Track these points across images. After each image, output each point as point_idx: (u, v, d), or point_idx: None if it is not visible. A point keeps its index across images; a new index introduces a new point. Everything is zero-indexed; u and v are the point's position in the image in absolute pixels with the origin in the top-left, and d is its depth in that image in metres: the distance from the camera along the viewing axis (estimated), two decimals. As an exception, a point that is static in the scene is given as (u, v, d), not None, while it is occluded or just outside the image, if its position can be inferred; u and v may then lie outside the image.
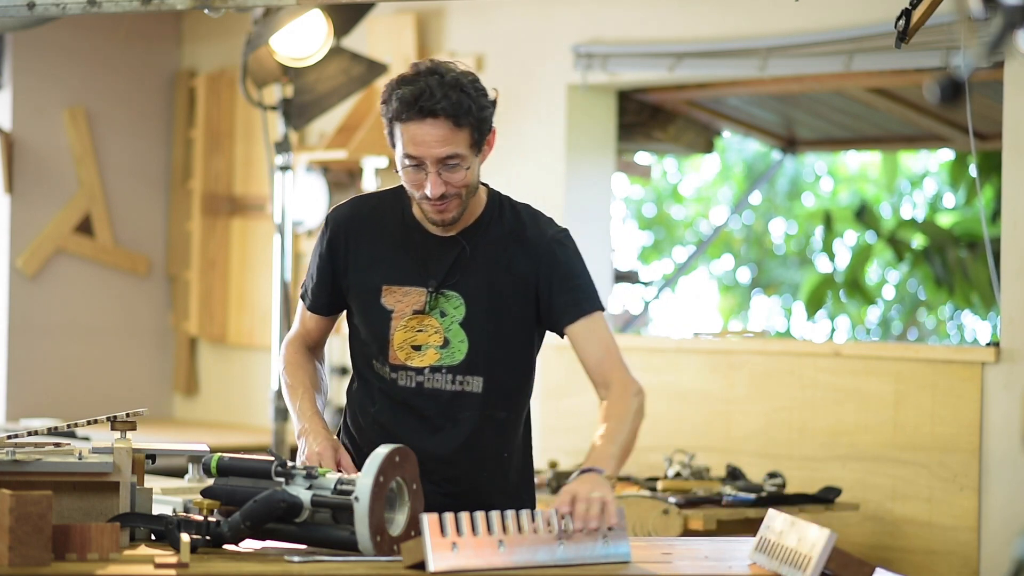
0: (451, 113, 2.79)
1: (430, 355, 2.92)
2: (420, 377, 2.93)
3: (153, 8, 3.56)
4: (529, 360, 3.00)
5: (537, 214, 3.01)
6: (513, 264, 2.93)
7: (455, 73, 2.84)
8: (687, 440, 5.49)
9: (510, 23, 6.19)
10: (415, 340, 2.93)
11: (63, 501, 2.65)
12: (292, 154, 5.64)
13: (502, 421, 2.96)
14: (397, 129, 2.83)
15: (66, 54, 6.94)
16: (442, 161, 2.82)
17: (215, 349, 7.23)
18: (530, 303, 2.94)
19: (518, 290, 2.92)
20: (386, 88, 2.86)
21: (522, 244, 2.94)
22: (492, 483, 2.98)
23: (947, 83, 1.81)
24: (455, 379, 2.92)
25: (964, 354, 5.00)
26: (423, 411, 2.94)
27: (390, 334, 2.93)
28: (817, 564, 2.48)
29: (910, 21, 3.43)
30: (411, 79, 2.82)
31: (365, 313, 2.97)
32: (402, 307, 2.93)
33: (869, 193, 12.06)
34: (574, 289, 2.92)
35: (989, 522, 4.88)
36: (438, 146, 2.81)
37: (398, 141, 2.84)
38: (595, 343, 2.91)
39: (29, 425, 6.16)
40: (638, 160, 7.99)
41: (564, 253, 2.95)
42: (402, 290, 2.93)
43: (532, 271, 2.93)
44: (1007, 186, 4.96)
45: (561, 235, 2.97)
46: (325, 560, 2.54)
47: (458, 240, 2.93)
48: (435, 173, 2.82)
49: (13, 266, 6.80)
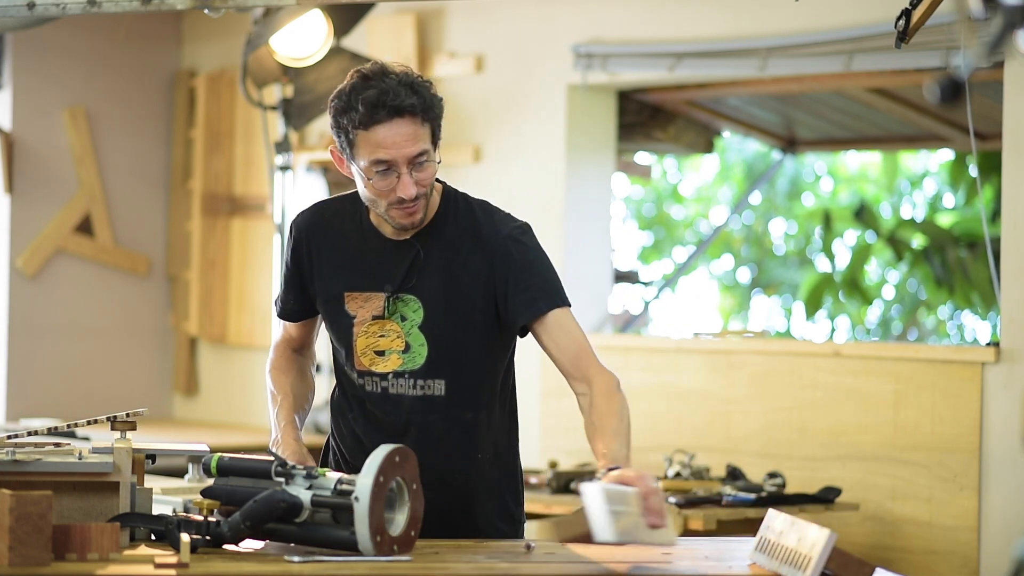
0: (418, 109, 2.78)
1: (393, 360, 2.92)
2: (384, 383, 2.93)
3: (153, 8, 3.56)
4: (493, 359, 2.97)
5: (493, 211, 2.97)
6: (469, 264, 2.90)
7: (404, 72, 2.82)
8: (687, 440, 5.49)
9: (510, 23, 6.19)
10: (378, 345, 2.92)
11: (63, 501, 2.65)
12: (292, 154, 5.64)
13: (469, 422, 2.94)
14: (358, 138, 2.80)
15: (66, 54, 6.94)
16: (413, 160, 2.80)
17: (215, 349, 7.23)
18: (490, 302, 2.90)
19: (476, 290, 2.90)
20: (338, 99, 2.82)
21: (478, 243, 2.91)
22: (469, 483, 2.97)
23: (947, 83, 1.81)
24: (416, 383, 2.91)
25: (964, 354, 5.00)
26: (390, 416, 2.93)
27: (353, 340, 2.93)
28: (817, 564, 2.48)
29: (910, 21, 3.43)
30: (365, 85, 2.79)
31: (331, 320, 2.98)
32: (363, 313, 2.92)
33: (869, 193, 12.07)
34: (530, 287, 2.88)
35: (989, 522, 4.88)
36: (408, 144, 2.79)
37: (360, 151, 2.81)
38: (564, 340, 2.89)
39: (29, 425, 6.16)
40: (638, 160, 7.99)
41: (520, 250, 2.90)
42: (363, 296, 2.93)
43: (488, 270, 2.89)
44: (1007, 186, 4.96)
45: (517, 231, 2.93)
46: (325, 560, 2.54)
47: (412, 243, 2.91)
48: (407, 173, 2.80)
49: (13, 266, 6.80)
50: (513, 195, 6.01)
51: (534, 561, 2.65)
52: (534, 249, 2.93)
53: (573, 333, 2.90)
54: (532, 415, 5.87)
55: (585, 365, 2.88)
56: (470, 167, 6.23)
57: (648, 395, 5.67)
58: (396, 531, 2.62)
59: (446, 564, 2.58)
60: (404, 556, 2.60)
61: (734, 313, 12.71)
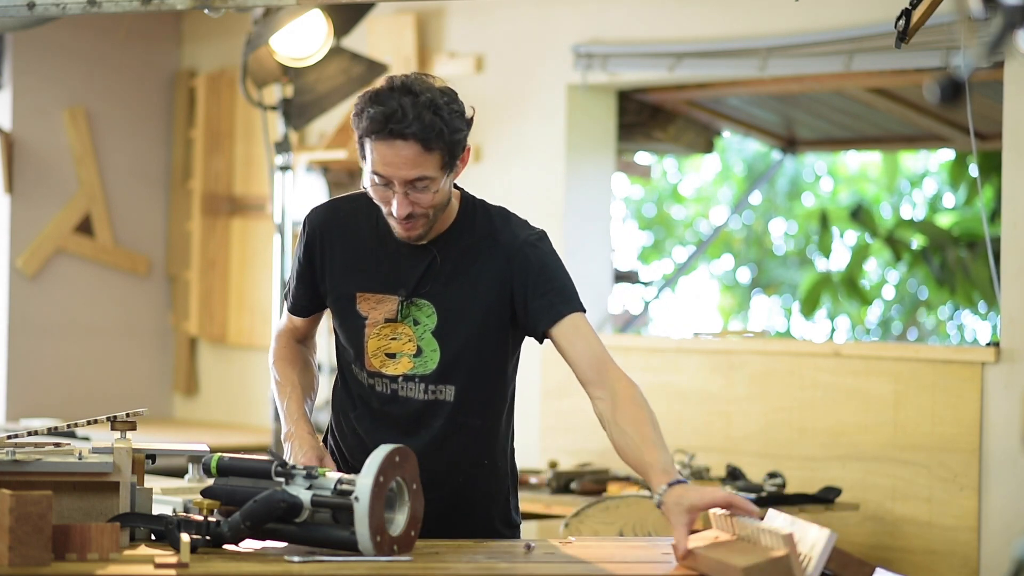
0: (421, 137, 2.73)
1: (404, 363, 2.91)
2: (395, 385, 2.92)
3: (153, 8, 3.56)
4: (503, 367, 2.96)
5: (510, 216, 2.96)
6: (485, 271, 2.89)
7: (430, 93, 2.76)
8: (687, 440, 5.49)
9: (510, 23, 6.19)
10: (389, 348, 2.92)
11: (63, 501, 2.65)
12: (292, 154, 5.64)
13: (477, 429, 2.93)
14: (367, 144, 2.79)
15: (66, 54, 6.94)
16: (410, 183, 2.77)
17: (215, 349, 7.23)
18: (505, 309, 2.89)
19: (491, 297, 2.88)
20: (359, 101, 2.80)
21: (494, 249, 2.89)
22: (472, 488, 2.96)
23: (947, 83, 1.81)
24: (427, 388, 2.90)
25: (964, 354, 5.00)
26: (397, 418, 2.93)
27: (364, 341, 2.93)
28: (817, 564, 2.47)
29: (910, 21, 3.43)
30: (384, 97, 2.75)
31: (342, 318, 2.96)
32: (376, 315, 2.91)
33: (869, 193, 12.07)
34: (549, 292, 2.87)
35: (989, 522, 4.88)
36: (406, 168, 2.76)
37: (368, 156, 2.80)
38: (582, 344, 2.86)
39: (29, 425, 6.16)
40: (638, 160, 7.99)
41: (537, 256, 2.89)
42: (375, 297, 2.92)
43: (506, 276, 2.88)
44: (1007, 186, 4.96)
45: (534, 237, 2.91)
46: (325, 560, 2.54)
47: (429, 249, 2.89)
48: (402, 194, 2.78)
49: (13, 266, 6.80)
50: (513, 195, 6.01)
51: (534, 561, 2.65)
52: (551, 254, 2.92)
53: (590, 339, 2.87)
54: (532, 415, 5.87)
55: (604, 371, 2.85)
56: (470, 167, 6.18)
57: (648, 395, 5.61)
58: (396, 531, 2.62)
59: (446, 564, 2.58)
60: (404, 556, 2.60)
61: (734, 313, 12.71)
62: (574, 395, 5.82)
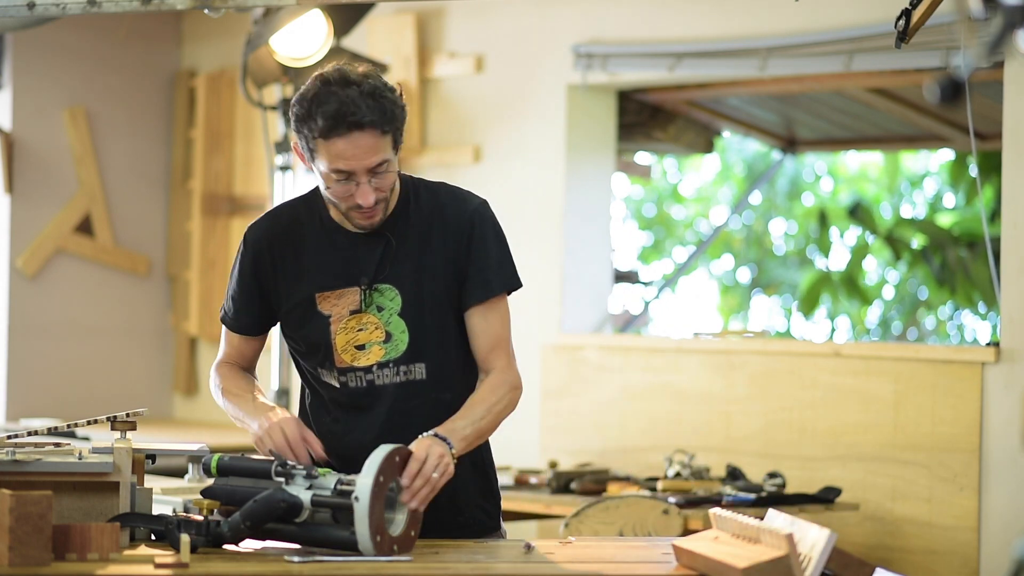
0: (378, 123, 2.79)
1: (375, 352, 2.92)
2: (369, 375, 2.93)
3: (153, 8, 3.56)
4: (465, 337, 2.99)
5: (455, 190, 3.02)
6: (438, 245, 2.94)
7: (369, 79, 2.82)
8: (687, 440, 5.49)
9: (510, 23, 6.19)
10: (358, 340, 2.93)
11: (63, 501, 2.65)
12: (292, 154, 5.64)
13: (448, 402, 2.94)
14: (319, 146, 2.81)
15: (66, 54, 6.94)
16: (372, 170, 2.82)
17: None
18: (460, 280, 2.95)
19: (448, 270, 2.94)
20: (296, 108, 2.83)
21: (444, 223, 2.95)
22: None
23: (947, 83, 1.81)
24: (399, 370, 2.93)
25: (964, 354, 5.00)
26: (374, 409, 2.93)
27: (331, 339, 2.93)
28: (817, 564, 2.47)
29: (910, 21, 3.43)
30: (325, 95, 2.80)
31: (303, 324, 2.97)
32: (339, 310, 2.93)
33: (869, 193, 12.07)
34: (482, 270, 2.94)
35: (989, 522, 4.88)
36: (368, 156, 2.80)
37: (320, 157, 2.82)
38: (486, 332, 2.94)
39: (29, 425, 6.16)
40: (638, 160, 7.99)
41: (482, 228, 2.95)
42: (336, 293, 2.94)
43: (456, 248, 2.94)
44: (1007, 186, 4.96)
45: (481, 207, 2.98)
46: (325, 560, 2.54)
47: (382, 233, 2.93)
48: (366, 183, 2.82)
49: (13, 266, 6.80)
50: (513, 195, 6.01)
51: (534, 561, 2.65)
52: (492, 227, 2.98)
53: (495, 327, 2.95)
54: (532, 415, 5.87)
55: (494, 359, 2.95)
56: (470, 167, 6.23)
57: (648, 395, 5.67)
58: (396, 531, 2.62)
59: (446, 564, 2.58)
60: (404, 556, 2.60)
61: (734, 313, 12.70)
62: (574, 395, 5.83)
